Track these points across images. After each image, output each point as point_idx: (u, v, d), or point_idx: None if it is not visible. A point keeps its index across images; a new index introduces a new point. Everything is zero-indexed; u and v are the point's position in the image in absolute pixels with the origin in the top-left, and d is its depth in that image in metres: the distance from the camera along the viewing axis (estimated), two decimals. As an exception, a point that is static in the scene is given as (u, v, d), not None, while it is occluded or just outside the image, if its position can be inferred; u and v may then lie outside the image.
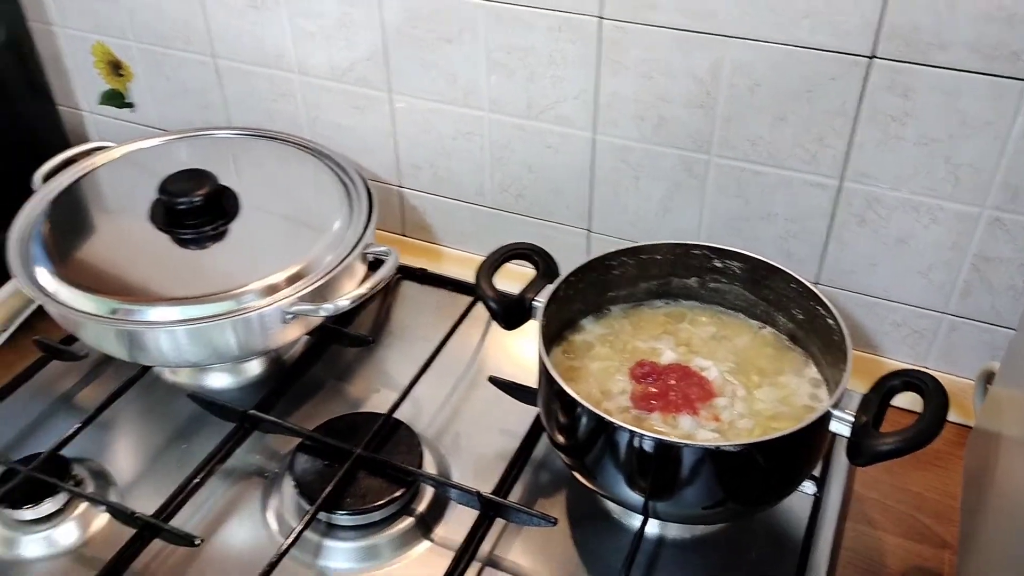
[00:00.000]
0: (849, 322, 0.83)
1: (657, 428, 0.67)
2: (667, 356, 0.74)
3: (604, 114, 0.82)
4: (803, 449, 0.64)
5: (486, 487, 0.72)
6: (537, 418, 0.78)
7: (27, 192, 0.88)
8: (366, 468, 0.73)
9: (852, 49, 0.70)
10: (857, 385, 0.78)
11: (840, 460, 0.75)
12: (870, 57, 0.69)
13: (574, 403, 0.63)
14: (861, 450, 0.60)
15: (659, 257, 0.77)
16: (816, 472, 0.73)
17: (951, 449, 0.78)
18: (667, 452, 0.60)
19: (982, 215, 0.73)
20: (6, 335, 0.89)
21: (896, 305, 0.81)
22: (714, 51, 0.74)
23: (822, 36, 0.70)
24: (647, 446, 0.60)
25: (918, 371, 0.62)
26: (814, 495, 0.73)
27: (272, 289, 0.77)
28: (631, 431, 0.60)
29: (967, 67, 0.67)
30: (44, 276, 0.78)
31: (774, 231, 0.82)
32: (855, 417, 0.61)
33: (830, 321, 0.69)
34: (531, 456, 0.77)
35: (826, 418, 0.61)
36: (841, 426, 0.61)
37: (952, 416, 0.80)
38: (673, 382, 0.70)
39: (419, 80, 0.89)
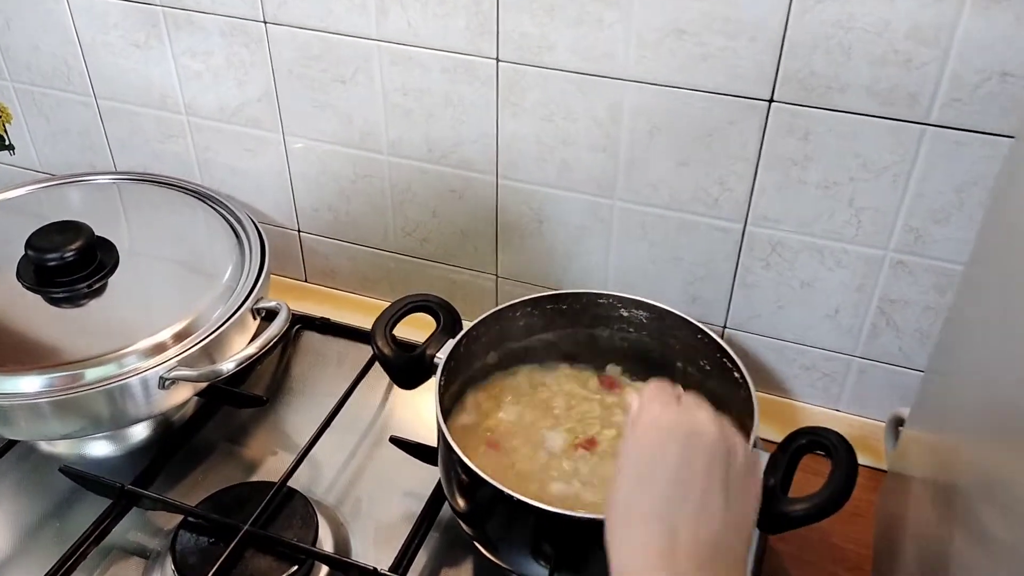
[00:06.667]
0: (758, 366, 0.81)
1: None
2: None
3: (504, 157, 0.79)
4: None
5: (386, 558, 0.68)
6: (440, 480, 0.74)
7: None
8: (255, 546, 0.68)
9: (751, 93, 0.68)
10: (769, 431, 0.77)
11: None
12: (769, 101, 0.68)
13: (472, 473, 0.59)
14: (770, 518, 0.57)
15: (564, 307, 0.74)
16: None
17: (864, 495, 0.76)
18: (568, 524, 0.57)
19: (886, 258, 0.71)
20: None
21: (805, 348, 0.79)
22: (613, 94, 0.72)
23: (720, 79, 0.68)
24: (548, 518, 0.57)
25: (824, 429, 0.60)
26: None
27: (155, 350, 0.71)
28: (529, 504, 0.57)
29: (865, 111, 0.66)
30: None
31: (681, 275, 0.79)
32: (763, 481, 0.58)
33: (736, 375, 0.67)
34: (436, 519, 0.73)
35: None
36: (748, 490, 0.59)
37: (863, 460, 0.79)
38: None
39: (312, 121, 0.85)
